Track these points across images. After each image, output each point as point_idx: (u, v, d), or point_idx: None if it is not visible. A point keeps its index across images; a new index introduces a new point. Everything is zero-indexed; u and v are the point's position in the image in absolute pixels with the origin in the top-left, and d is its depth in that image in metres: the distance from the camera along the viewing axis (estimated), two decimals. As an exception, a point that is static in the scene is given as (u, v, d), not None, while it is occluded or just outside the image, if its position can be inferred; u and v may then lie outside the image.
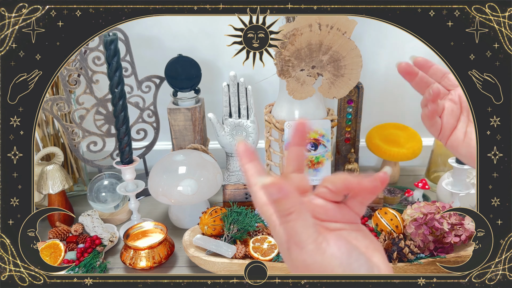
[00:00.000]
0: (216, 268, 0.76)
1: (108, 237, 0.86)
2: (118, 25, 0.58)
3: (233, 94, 1.00)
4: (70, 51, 0.59)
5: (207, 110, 1.09)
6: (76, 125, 0.95)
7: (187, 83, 0.98)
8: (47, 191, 0.90)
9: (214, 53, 1.09)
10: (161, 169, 0.88)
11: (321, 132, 0.91)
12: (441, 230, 0.74)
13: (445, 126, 0.55)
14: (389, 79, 1.13)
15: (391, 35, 1.07)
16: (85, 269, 0.78)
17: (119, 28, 0.93)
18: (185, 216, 0.92)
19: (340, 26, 0.77)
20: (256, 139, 1.06)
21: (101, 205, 0.94)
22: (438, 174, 1.08)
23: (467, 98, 0.57)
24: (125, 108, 0.78)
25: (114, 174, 0.97)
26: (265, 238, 0.80)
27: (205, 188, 0.87)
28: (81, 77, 0.92)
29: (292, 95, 0.85)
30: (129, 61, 0.95)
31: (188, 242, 0.81)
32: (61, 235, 0.86)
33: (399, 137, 1.07)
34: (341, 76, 0.82)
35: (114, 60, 0.74)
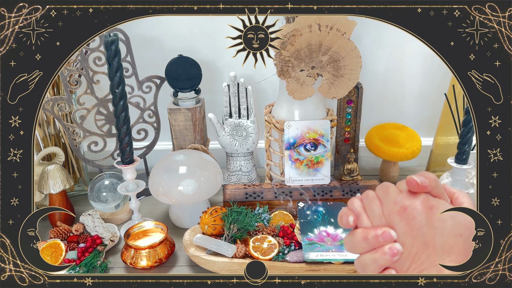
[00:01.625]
0: (216, 267, 0.76)
1: (108, 236, 0.86)
2: (119, 25, 0.58)
3: (233, 94, 1.00)
4: (70, 51, 0.59)
5: (208, 110, 1.09)
6: (77, 125, 0.95)
7: (188, 83, 0.98)
8: (48, 191, 0.90)
9: (214, 54, 1.09)
10: (161, 169, 0.88)
11: (320, 132, 0.92)
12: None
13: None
14: (389, 79, 1.13)
15: (391, 35, 1.07)
16: (86, 269, 0.78)
17: (120, 29, 0.93)
18: (186, 216, 0.93)
19: (339, 27, 0.77)
20: (256, 139, 1.06)
21: (102, 205, 0.94)
22: (437, 174, 1.08)
23: (467, 98, 0.57)
24: (126, 108, 0.79)
25: (114, 174, 0.97)
26: (265, 238, 0.80)
27: (205, 188, 0.87)
28: (82, 78, 0.92)
29: (292, 95, 0.85)
30: (130, 61, 0.95)
31: (188, 242, 0.81)
32: (62, 234, 0.86)
33: (399, 137, 1.07)
34: (340, 76, 0.83)
35: (114, 60, 0.74)
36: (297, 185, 0.94)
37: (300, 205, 0.87)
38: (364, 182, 0.95)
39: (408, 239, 0.39)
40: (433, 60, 1.09)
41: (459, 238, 0.39)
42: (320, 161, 0.94)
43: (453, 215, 0.40)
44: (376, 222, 0.42)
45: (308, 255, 0.75)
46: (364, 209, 0.43)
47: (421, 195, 0.40)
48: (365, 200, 0.44)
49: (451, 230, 0.39)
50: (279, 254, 0.77)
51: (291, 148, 0.92)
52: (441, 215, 0.39)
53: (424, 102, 1.16)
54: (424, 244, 0.39)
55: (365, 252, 0.42)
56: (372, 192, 0.44)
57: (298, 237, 0.80)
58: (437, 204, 0.40)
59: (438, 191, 0.41)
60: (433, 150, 1.08)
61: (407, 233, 0.40)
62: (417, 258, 0.39)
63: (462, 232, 0.40)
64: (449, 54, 0.58)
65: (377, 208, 0.42)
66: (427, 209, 0.40)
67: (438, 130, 1.06)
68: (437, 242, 0.39)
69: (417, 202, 0.40)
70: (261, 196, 0.93)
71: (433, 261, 0.39)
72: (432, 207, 0.40)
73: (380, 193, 0.43)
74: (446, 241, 0.39)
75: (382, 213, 0.41)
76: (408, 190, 0.41)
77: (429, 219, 0.39)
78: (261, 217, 0.85)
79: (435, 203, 0.40)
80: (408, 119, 1.17)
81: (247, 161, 1.08)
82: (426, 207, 0.40)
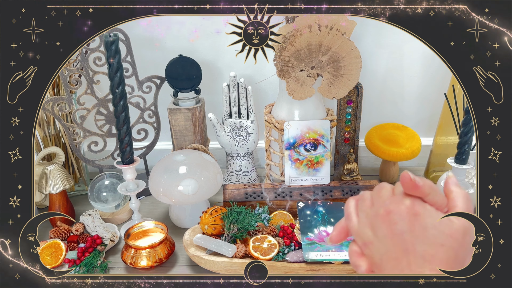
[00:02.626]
0: (216, 267, 0.76)
1: (109, 236, 0.86)
2: (119, 25, 0.58)
3: (233, 94, 1.00)
4: (70, 51, 0.59)
5: (208, 110, 1.09)
6: (77, 125, 0.95)
7: (188, 83, 0.98)
8: (48, 191, 0.90)
9: (214, 54, 1.09)
10: (161, 169, 0.88)
11: (320, 132, 0.92)
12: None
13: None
14: (388, 79, 1.13)
15: (391, 35, 1.07)
16: (86, 269, 0.78)
17: (120, 29, 0.93)
18: (186, 216, 0.93)
19: (339, 27, 0.78)
20: (256, 139, 1.06)
21: (102, 205, 0.94)
22: (437, 174, 1.08)
23: (467, 98, 0.57)
24: (126, 108, 0.79)
25: (115, 174, 0.97)
26: (265, 238, 0.80)
27: (205, 188, 0.87)
28: (82, 78, 0.92)
29: (292, 96, 0.85)
30: (130, 61, 0.95)
31: (188, 242, 0.81)
32: (62, 234, 0.86)
33: (398, 137, 1.07)
34: (340, 76, 0.83)
35: (115, 60, 0.74)
36: (297, 185, 0.94)
37: (300, 205, 0.87)
38: (364, 182, 0.95)
39: (389, 243, 0.40)
40: (433, 60, 1.09)
41: (440, 248, 0.39)
42: (320, 161, 0.94)
43: (436, 224, 0.39)
44: (361, 222, 0.42)
45: (308, 255, 0.75)
46: (356, 209, 0.44)
47: (408, 199, 0.40)
48: (359, 200, 0.44)
49: (432, 239, 0.39)
50: (279, 254, 0.77)
51: (291, 148, 0.92)
52: (424, 223, 0.39)
53: (424, 102, 1.16)
54: (404, 251, 0.39)
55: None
56: (368, 192, 0.44)
57: (298, 237, 0.80)
58: (423, 211, 0.39)
59: (433, 199, 0.40)
60: (433, 150, 1.08)
61: (388, 237, 0.40)
62: (397, 263, 0.39)
63: (444, 242, 0.39)
64: (449, 54, 0.58)
65: (366, 209, 0.42)
66: (411, 215, 0.39)
67: (438, 130, 1.06)
68: (418, 250, 0.39)
69: (402, 207, 0.40)
70: (261, 196, 0.93)
71: (414, 269, 0.39)
72: (417, 213, 0.39)
73: (373, 194, 0.43)
74: (427, 250, 0.39)
75: (369, 215, 0.42)
76: (403, 191, 0.41)
77: (411, 225, 0.39)
78: (261, 217, 0.85)
79: (421, 210, 0.39)
80: (408, 119, 1.17)
81: (247, 161, 1.08)
82: (411, 213, 0.39)
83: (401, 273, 0.39)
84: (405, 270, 0.39)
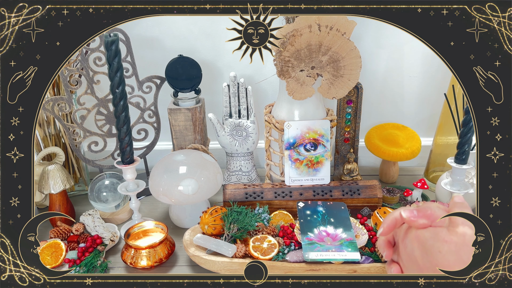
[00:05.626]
0: (216, 267, 0.76)
1: (109, 236, 0.87)
2: (119, 25, 0.58)
3: (233, 94, 1.00)
4: (70, 51, 0.59)
5: (208, 110, 1.09)
6: (77, 125, 0.95)
7: (188, 83, 0.98)
8: (48, 191, 0.90)
9: (214, 54, 1.09)
10: (161, 169, 0.88)
11: (320, 132, 0.92)
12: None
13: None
14: (388, 79, 1.13)
15: (391, 35, 1.07)
16: (86, 269, 0.78)
17: (120, 29, 0.93)
18: (186, 216, 0.93)
19: (339, 27, 0.78)
20: (256, 139, 1.06)
21: (102, 205, 0.94)
22: (437, 174, 1.08)
23: (467, 98, 0.57)
24: (126, 108, 0.79)
25: (115, 174, 0.97)
26: (265, 237, 0.80)
27: (205, 187, 0.87)
28: (82, 78, 0.92)
29: (292, 96, 0.85)
30: (130, 61, 0.95)
31: (188, 242, 0.81)
32: (62, 234, 0.86)
33: (398, 137, 1.07)
34: (340, 76, 0.83)
35: (115, 60, 0.74)
36: (297, 185, 0.94)
37: (300, 205, 0.87)
38: (364, 182, 0.95)
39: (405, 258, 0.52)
40: (433, 60, 1.09)
41: (438, 254, 0.47)
42: (320, 161, 0.94)
43: (432, 236, 0.48)
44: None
45: (308, 255, 0.75)
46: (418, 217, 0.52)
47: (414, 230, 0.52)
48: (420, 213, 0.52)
49: (430, 248, 0.47)
50: (279, 254, 0.77)
51: (291, 148, 0.92)
52: (423, 237, 0.49)
53: (424, 102, 1.16)
54: (414, 262, 0.50)
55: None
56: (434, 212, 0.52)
57: (298, 237, 0.80)
58: (423, 233, 0.50)
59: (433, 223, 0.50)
60: (433, 150, 1.08)
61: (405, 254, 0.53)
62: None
63: (441, 249, 0.47)
64: (449, 54, 0.58)
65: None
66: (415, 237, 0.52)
67: (437, 130, 1.06)
68: (423, 262, 0.49)
69: (411, 235, 0.51)
70: (261, 196, 0.93)
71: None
72: (418, 236, 0.50)
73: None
74: (429, 259, 0.48)
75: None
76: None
77: (417, 245, 0.50)
78: (261, 217, 0.85)
79: (421, 232, 0.50)
80: (407, 119, 1.17)
81: (247, 161, 1.08)
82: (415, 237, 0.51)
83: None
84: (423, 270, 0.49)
